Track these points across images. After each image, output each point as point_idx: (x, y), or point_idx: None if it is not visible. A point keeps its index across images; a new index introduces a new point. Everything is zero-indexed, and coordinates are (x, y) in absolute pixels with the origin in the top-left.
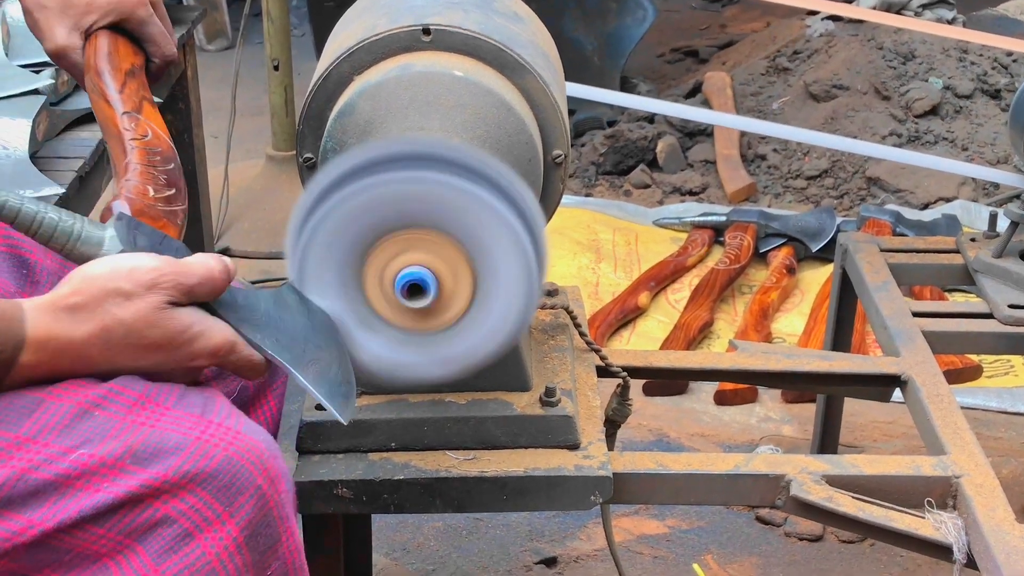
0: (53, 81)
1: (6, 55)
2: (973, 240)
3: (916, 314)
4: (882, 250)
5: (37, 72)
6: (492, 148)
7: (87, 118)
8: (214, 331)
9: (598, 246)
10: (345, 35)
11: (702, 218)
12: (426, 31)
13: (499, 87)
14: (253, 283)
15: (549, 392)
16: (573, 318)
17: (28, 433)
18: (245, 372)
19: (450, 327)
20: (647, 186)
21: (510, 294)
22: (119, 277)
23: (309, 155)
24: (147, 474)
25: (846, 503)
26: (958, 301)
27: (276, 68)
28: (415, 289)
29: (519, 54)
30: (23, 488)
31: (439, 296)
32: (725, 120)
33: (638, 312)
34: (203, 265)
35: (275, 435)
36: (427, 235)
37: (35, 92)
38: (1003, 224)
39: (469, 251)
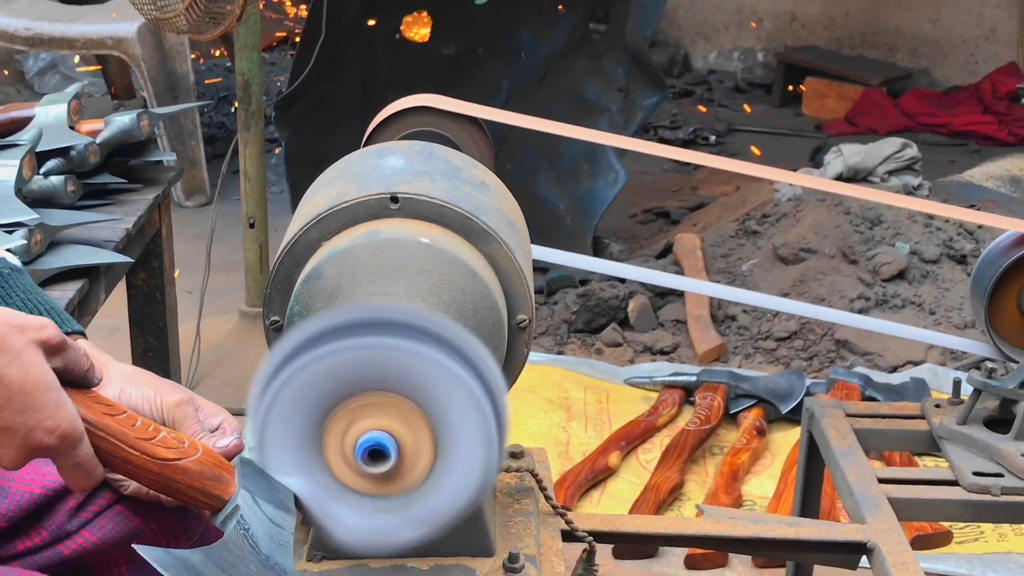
0: (26, 241)
1: None
2: (938, 406)
3: (882, 480)
4: (848, 415)
5: (10, 232)
6: (457, 313)
7: (60, 276)
8: (72, 412)
9: (569, 404)
10: (315, 201)
11: (673, 378)
12: (394, 199)
13: (464, 254)
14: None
15: (512, 558)
16: (539, 481)
17: None
18: (76, 476)
19: (409, 492)
20: (619, 345)
21: (471, 457)
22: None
23: (276, 318)
24: None
25: None
26: (927, 467)
27: (252, 225)
28: (375, 454)
29: (484, 222)
30: None
31: (400, 459)
32: (694, 286)
33: (608, 472)
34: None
35: None
36: (387, 399)
37: (8, 252)
38: (967, 390)
39: (429, 414)
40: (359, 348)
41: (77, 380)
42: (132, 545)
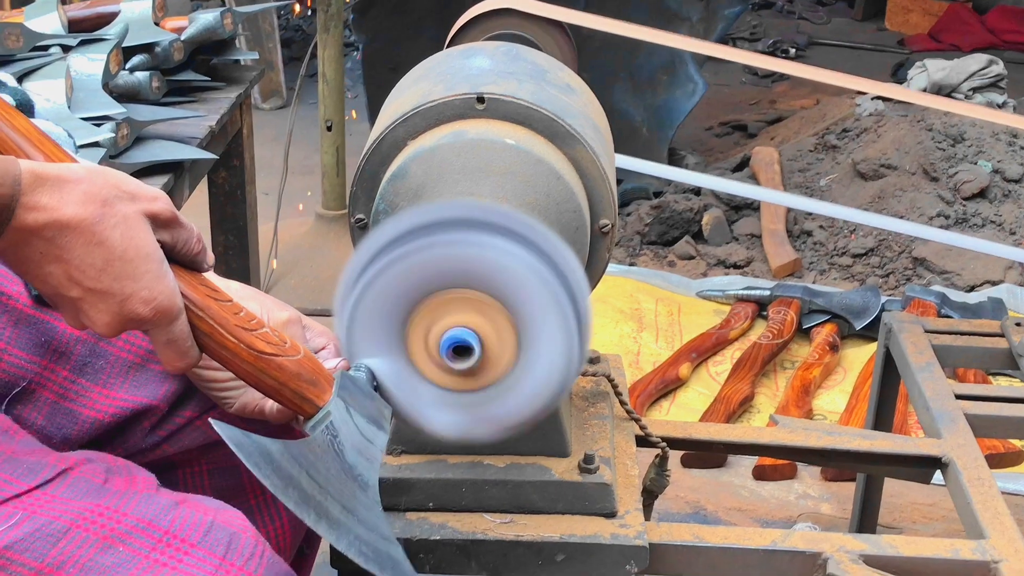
0: (113, 135)
1: (68, 107)
2: (1018, 324)
3: (959, 396)
4: (926, 331)
5: (98, 125)
6: (540, 215)
7: (146, 171)
8: (172, 287)
9: (640, 315)
10: (401, 100)
11: (746, 291)
12: (480, 99)
13: (549, 156)
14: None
15: (588, 459)
16: (614, 386)
17: (52, 562)
18: (169, 354)
19: (490, 388)
20: (691, 258)
21: (552, 358)
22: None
23: (361, 216)
24: None
25: None
26: (1002, 385)
27: (329, 128)
28: (460, 349)
29: (570, 124)
30: None
31: (483, 357)
32: (771, 196)
33: (678, 383)
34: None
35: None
36: (473, 296)
37: (96, 144)
38: None
39: (513, 314)
40: (445, 245)
41: (185, 260)
42: (209, 419)
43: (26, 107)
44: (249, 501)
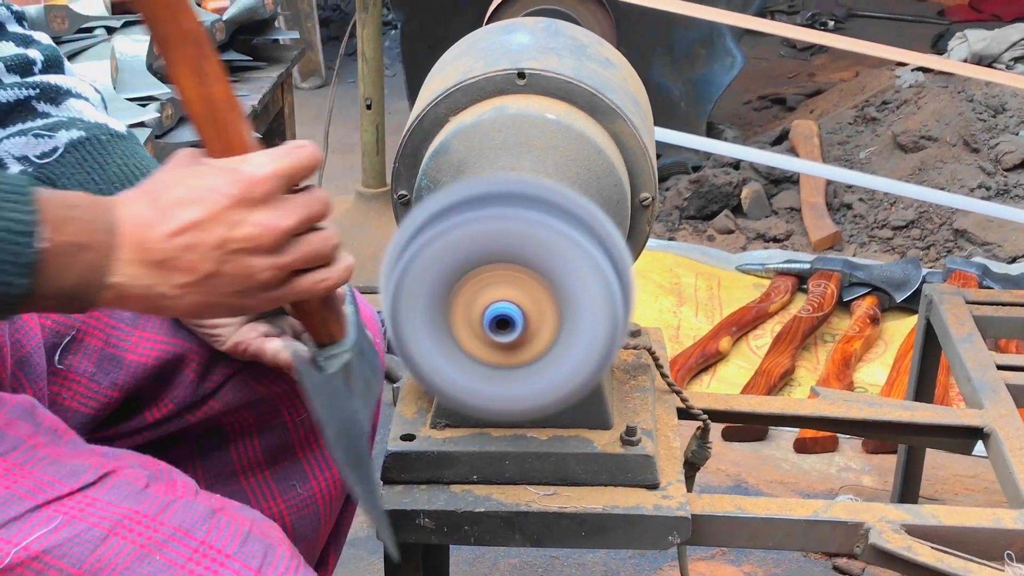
0: (159, 115)
1: (114, 88)
2: None
3: (1000, 367)
4: (968, 302)
5: (144, 105)
6: (582, 189)
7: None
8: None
9: (680, 290)
10: (442, 77)
11: (786, 265)
12: (521, 75)
13: (590, 130)
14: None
15: (630, 431)
16: (655, 359)
17: (90, 569)
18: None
19: (533, 363)
20: (731, 232)
21: (594, 333)
22: None
23: (403, 192)
24: None
25: (925, 553)
26: None
27: (368, 107)
28: (502, 323)
29: (610, 99)
30: None
31: (525, 331)
32: (811, 168)
33: (719, 357)
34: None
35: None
36: (514, 271)
37: (141, 124)
38: None
39: (555, 288)
40: (488, 219)
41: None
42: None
43: (55, 64)
44: (298, 455)
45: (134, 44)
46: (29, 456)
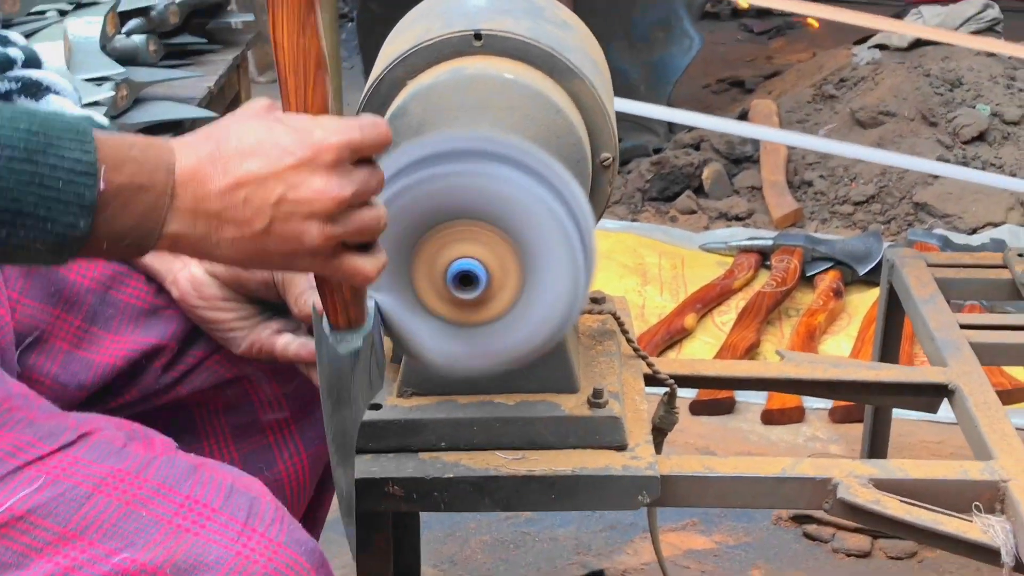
0: (113, 94)
1: (68, 69)
2: (1021, 255)
3: (963, 326)
4: (929, 265)
5: (98, 85)
6: (541, 148)
7: (147, 131)
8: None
9: (644, 269)
10: (399, 41)
11: (749, 242)
12: (477, 36)
13: (549, 90)
14: None
15: (597, 393)
16: (620, 324)
17: (75, 528)
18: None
19: (495, 320)
20: (693, 212)
21: (557, 289)
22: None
23: None
24: None
25: (893, 506)
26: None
27: None
28: (465, 279)
29: (568, 58)
30: None
31: (488, 288)
32: (772, 135)
33: (684, 334)
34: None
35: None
36: (477, 227)
37: (96, 104)
38: None
39: (518, 245)
40: (451, 176)
41: None
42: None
43: (34, 63)
44: (267, 438)
45: (87, 26)
46: (6, 419)
